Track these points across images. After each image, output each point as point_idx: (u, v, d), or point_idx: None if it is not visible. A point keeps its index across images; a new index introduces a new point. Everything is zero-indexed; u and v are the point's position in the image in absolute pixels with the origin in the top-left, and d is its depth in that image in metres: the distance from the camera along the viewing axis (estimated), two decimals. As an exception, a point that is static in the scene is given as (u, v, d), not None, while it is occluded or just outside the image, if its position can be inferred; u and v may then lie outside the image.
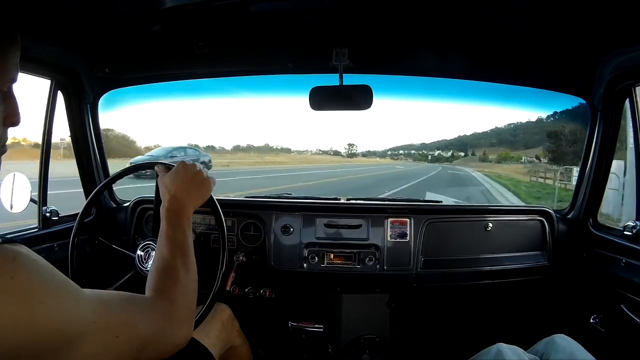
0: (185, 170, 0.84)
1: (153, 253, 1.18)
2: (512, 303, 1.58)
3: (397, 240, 1.39)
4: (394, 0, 1.12)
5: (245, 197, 1.66)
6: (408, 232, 1.39)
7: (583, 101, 1.42)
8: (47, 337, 0.43)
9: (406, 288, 1.45)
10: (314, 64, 1.39)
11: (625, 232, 1.24)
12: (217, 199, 1.18)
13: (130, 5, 1.13)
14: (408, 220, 1.40)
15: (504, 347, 0.98)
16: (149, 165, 1.19)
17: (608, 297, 1.25)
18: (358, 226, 1.41)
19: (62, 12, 1.04)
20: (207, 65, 1.40)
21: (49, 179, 1.34)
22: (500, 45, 1.29)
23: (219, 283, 1.11)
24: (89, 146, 1.44)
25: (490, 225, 1.43)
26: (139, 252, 1.19)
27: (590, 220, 1.42)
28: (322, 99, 1.29)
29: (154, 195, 1.54)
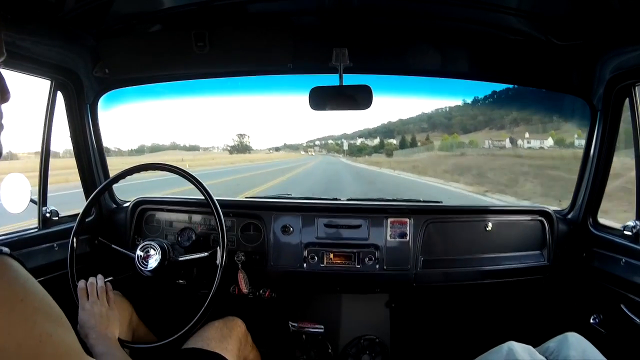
0: (84, 319, 0.95)
1: (152, 252, 1.18)
2: (512, 303, 1.58)
3: (397, 240, 1.39)
4: (394, 1, 1.13)
5: (245, 197, 1.67)
6: (408, 232, 1.39)
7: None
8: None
9: (406, 288, 1.45)
10: (314, 64, 1.39)
11: (625, 232, 1.24)
12: (217, 199, 1.19)
13: (130, 5, 1.13)
14: (408, 220, 1.40)
15: (515, 345, 0.97)
16: (149, 167, 1.20)
17: (608, 297, 1.25)
18: (358, 226, 1.41)
19: (62, 12, 1.04)
20: (207, 65, 1.40)
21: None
22: (500, 45, 1.29)
23: (218, 282, 1.11)
24: (89, 146, 1.44)
25: (490, 225, 1.43)
26: (138, 252, 1.20)
27: (590, 220, 1.41)
28: (321, 99, 1.29)
29: (153, 196, 1.55)
